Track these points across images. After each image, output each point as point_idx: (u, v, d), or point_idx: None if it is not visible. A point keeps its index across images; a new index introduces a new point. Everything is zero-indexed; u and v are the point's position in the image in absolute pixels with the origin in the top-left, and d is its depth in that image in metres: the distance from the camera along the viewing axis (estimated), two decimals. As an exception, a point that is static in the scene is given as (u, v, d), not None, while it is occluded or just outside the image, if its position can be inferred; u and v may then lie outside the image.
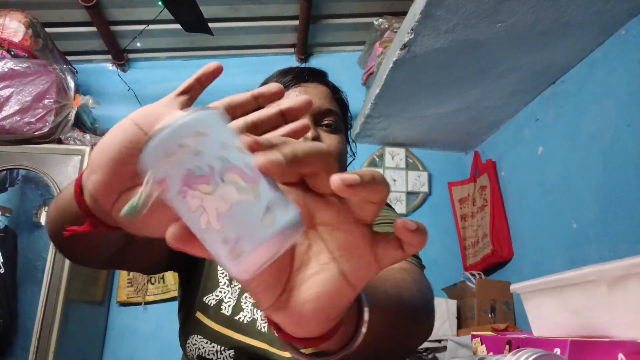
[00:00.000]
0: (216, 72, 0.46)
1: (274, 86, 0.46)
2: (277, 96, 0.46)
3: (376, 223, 0.88)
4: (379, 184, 0.33)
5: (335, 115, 0.91)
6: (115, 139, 0.38)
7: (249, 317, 0.85)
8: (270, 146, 0.32)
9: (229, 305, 0.87)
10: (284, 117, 0.45)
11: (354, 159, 1.06)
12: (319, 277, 0.36)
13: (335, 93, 0.97)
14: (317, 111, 0.89)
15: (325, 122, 0.90)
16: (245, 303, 0.87)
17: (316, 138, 0.87)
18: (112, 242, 0.58)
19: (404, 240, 0.35)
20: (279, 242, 0.30)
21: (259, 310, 0.86)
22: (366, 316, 0.42)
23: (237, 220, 0.30)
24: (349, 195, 0.32)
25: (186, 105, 0.43)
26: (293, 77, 0.93)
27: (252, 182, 0.30)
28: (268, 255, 0.30)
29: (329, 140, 0.89)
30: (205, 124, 0.32)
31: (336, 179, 0.31)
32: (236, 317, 0.85)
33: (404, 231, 0.34)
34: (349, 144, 1.01)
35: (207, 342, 0.85)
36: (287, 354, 0.83)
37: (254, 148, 0.32)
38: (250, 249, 0.29)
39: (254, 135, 0.33)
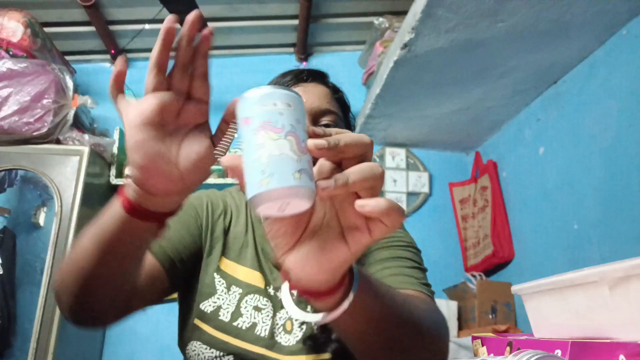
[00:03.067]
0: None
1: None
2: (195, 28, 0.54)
3: (386, 245, 0.89)
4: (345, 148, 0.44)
5: (335, 115, 0.88)
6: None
7: (248, 323, 0.86)
8: (323, 135, 0.45)
9: (228, 312, 0.87)
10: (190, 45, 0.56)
11: None
12: (323, 234, 0.48)
13: (336, 93, 0.95)
14: (315, 111, 0.86)
15: (324, 122, 0.87)
16: (245, 308, 0.88)
17: None
18: (132, 267, 0.67)
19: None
20: (293, 193, 0.41)
21: (259, 314, 0.87)
22: (355, 285, 0.52)
23: (279, 163, 0.42)
24: (318, 155, 0.44)
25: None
26: (292, 77, 0.92)
27: (300, 151, 0.43)
28: (281, 198, 0.42)
29: None
30: (294, 101, 0.45)
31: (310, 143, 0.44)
32: (234, 323, 0.86)
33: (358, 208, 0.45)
34: None
35: (206, 348, 0.85)
36: (285, 357, 0.83)
37: (310, 134, 0.45)
38: (276, 184, 0.41)
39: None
